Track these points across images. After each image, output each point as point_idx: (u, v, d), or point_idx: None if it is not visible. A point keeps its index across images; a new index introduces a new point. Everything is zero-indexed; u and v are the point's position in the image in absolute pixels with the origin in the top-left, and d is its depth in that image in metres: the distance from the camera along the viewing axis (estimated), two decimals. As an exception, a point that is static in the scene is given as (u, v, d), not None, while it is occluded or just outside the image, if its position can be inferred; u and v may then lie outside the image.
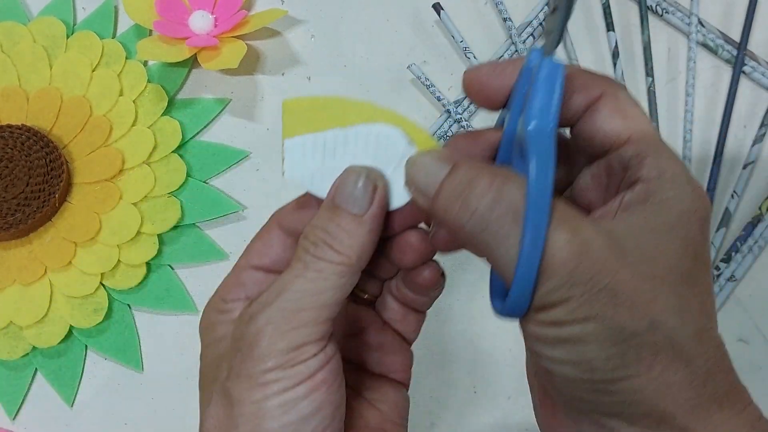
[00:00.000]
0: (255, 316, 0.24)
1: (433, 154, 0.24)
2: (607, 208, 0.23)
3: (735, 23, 0.51)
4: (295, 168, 0.26)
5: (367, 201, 0.25)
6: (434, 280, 0.28)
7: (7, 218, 0.43)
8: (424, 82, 0.48)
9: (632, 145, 0.23)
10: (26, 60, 0.48)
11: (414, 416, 0.43)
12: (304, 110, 0.27)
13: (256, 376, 0.23)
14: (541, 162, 0.21)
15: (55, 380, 0.43)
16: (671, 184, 0.22)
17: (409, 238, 0.27)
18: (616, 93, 0.24)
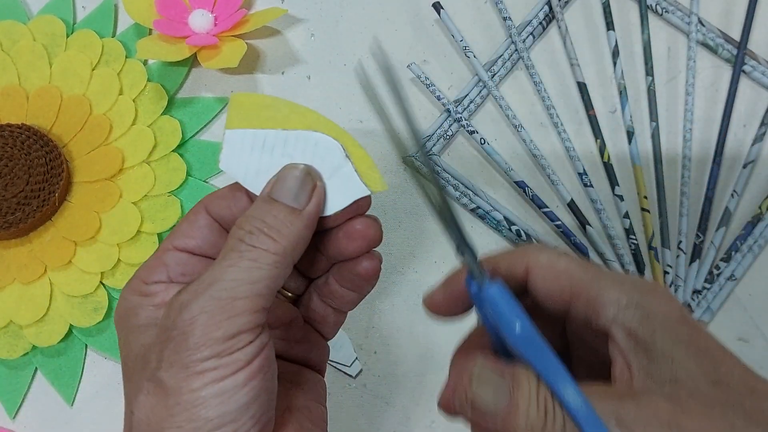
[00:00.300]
0: (188, 304, 0.24)
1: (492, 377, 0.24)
2: (620, 370, 0.25)
3: (735, 22, 0.51)
4: (232, 159, 0.27)
5: (306, 197, 0.26)
6: (374, 269, 0.28)
7: (7, 217, 0.43)
8: (423, 81, 0.48)
9: (578, 299, 0.25)
10: (26, 59, 0.48)
11: (414, 414, 0.43)
12: (251, 106, 0.27)
13: (191, 365, 0.23)
14: (551, 373, 0.23)
15: (55, 379, 0.43)
16: (633, 312, 0.24)
17: (354, 224, 0.27)
18: (537, 259, 0.26)
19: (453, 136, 0.48)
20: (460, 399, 0.24)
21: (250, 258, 0.24)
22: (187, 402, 0.23)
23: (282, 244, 0.25)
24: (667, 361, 0.23)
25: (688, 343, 0.24)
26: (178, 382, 0.23)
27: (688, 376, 0.23)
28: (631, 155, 0.47)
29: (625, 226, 0.46)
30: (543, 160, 0.47)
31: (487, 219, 0.46)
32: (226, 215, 0.28)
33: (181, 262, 0.27)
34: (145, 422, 0.23)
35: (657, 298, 0.25)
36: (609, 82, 0.50)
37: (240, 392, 0.23)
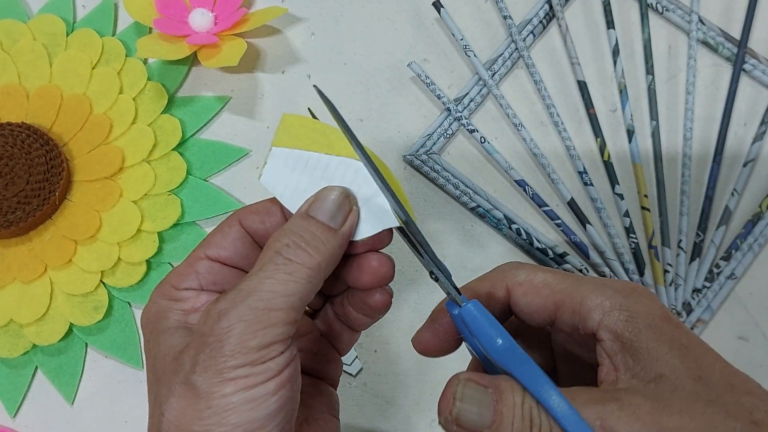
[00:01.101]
0: (226, 312, 0.24)
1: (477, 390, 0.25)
2: (606, 372, 0.25)
3: (735, 21, 0.51)
4: (274, 175, 0.28)
5: (342, 218, 0.27)
6: (384, 303, 0.29)
7: (7, 216, 0.43)
8: (424, 80, 0.48)
9: (562, 309, 0.26)
10: (26, 58, 0.48)
11: (415, 414, 0.43)
12: (299, 127, 0.28)
13: (225, 371, 0.23)
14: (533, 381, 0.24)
15: (56, 378, 0.43)
16: (618, 314, 0.25)
17: (371, 260, 0.28)
18: (515, 277, 0.28)
19: (453, 134, 0.48)
20: (445, 418, 0.25)
21: (287, 271, 0.25)
22: (218, 406, 0.23)
23: (317, 259, 0.25)
24: (652, 360, 0.24)
25: (671, 341, 0.24)
26: (211, 386, 0.23)
27: (672, 372, 0.24)
28: (632, 154, 0.47)
29: (625, 224, 0.46)
30: (543, 158, 0.47)
31: (487, 218, 0.46)
32: (259, 229, 0.29)
33: (212, 271, 0.28)
34: (174, 424, 0.24)
35: (639, 299, 0.26)
36: (609, 81, 0.50)
37: (269, 400, 0.24)
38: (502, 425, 0.24)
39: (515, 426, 0.23)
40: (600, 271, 0.45)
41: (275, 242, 0.26)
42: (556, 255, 0.45)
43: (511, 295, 0.28)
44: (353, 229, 0.27)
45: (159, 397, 0.25)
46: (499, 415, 0.24)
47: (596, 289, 0.26)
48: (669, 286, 0.44)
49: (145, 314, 0.28)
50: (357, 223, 0.27)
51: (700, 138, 0.48)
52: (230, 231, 0.29)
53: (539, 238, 0.45)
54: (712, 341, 0.44)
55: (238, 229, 0.29)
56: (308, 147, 0.28)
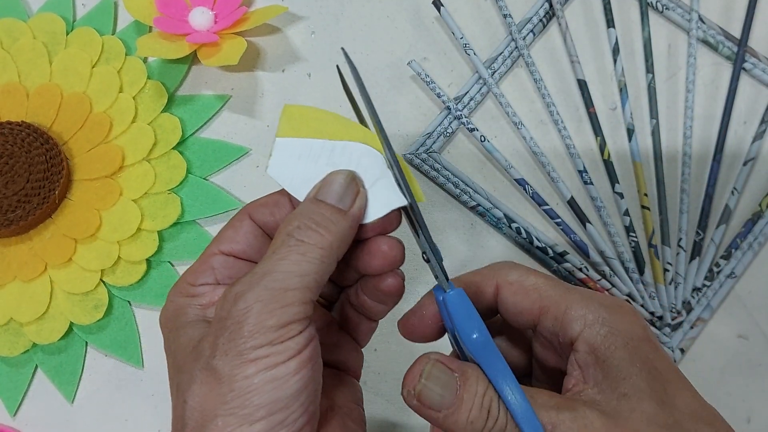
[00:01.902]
0: (243, 294, 0.24)
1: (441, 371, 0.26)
2: (574, 383, 0.26)
3: (735, 20, 0.51)
4: (280, 166, 0.28)
5: (350, 199, 0.27)
6: (397, 287, 0.29)
7: (7, 215, 0.43)
8: (424, 79, 0.48)
9: (546, 314, 0.27)
10: (26, 56, 0.48)
11: (414, 412, 0.43)
12: (302, 117, 0.29)
13: (245, 353, 0.24)
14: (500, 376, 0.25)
15: (56, 377, 0.43)
16: (598, 329, 0.26)
17: (380, 244, 0.28)
18: (506, 276, 0.28)
19: (453, 133, 0.48)
20: (408, 391, 0.25)
21: (300, 252, 0.25)
22: (240, 388, 0.24)
23: (329, 239, 0.26)
24: (620, 378, 0.25)
25: (644, 362, 0.25)
26: (232, 369, 0.24)
27: (636, 393, 0.24)
28: (632, 152, 0.47)
29: (625, 223, 0.46)
30: (543, 157, 0.47)
31: (487, 216, 0.46)
32: (269, 221, 0.29)
33: (227, 266, 0.29)
34: (198, 410, 0.24)
35: (623, 317, 0.26)
36: (609, 80, 0.50)
37: (291, 380, 0.24)
38: (460, 409, 0.24)
39: (472, 413, 0.24)
40: (600, 270, 0.45)
41: (286, 226, 0.26)
42: (555, 254, 0.45)
43: (500, 293, 0.28)
44: (362, 211, 0.27)
45: (181, 386, 0.25)
46: (459, 400, 0.24)
47: (582, 301, 0.26)
48: (669, 284, 0.44)
49: (163, 314, 0.28)
50: (365, 205, 0.28)
51: (700, 137, 0.48)
52: (241, 225, 0.29)
53: (539, 237, 0.45)
54: (711, 340, 0.45)
55: (249, 222, 0.29)
56: (311, 135, 0.28)
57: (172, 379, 0.27)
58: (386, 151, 0.27)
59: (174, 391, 0.26)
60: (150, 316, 0.44)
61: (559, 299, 0.27)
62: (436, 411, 0.25)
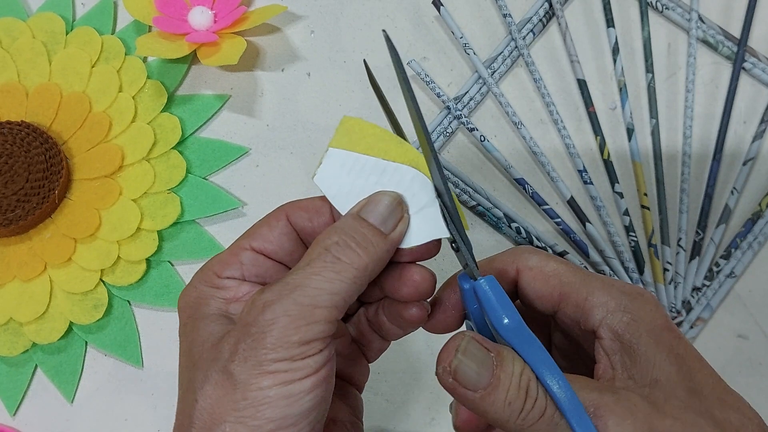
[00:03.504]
0: (271, 304, 0.24)
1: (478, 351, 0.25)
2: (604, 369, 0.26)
3: (735, 19, 0.51)
4: (328, 175, 0.28)
5: (393, 223, 0.27)
6: (420, 318, 0.29)
7: (6, 214, 0.43)
8: (423, 78, 0.48)
9: (567, 301, 0.27)
10: (25, 56, 0.48)
11: (415, 412, 0.43)
12: (358, 131, 0.29)
13: (265, 364, 0.23)
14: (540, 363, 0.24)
15: (55, 376, 0.43)
16: (621, 316, 0.26)
17: (413, 273, 0.28)
18: (527, 261, 0.28)
19: (453, 133, 0.48)
20: (443, 368, 0.25)
21: (334, 270, 0.25)
22: (254, 399, 0.23)
23: (365, 260, 0.25)
24: (649, 364, 0.24)
25: (669, 349, 0.25)
26: (249, 378, 0.23)
27: (667, 380, 0.24)
28: (631, 152, 0.47)
29: (625, 223, 0.46)
30: (543, 157, 0.47)
31: (487, 216, 0.46)
32: (306, 227, 0.28)
33: (256, 263, 0.28)
34: (208, 412, 0.24)
35: (644, 305, 0.26)
36: (609, 79, 0.50)
37: (305, 398, 0.24)
38: (497, 389, 0.24)
39: (510, 393, 0.24)
40: (599, 270, 0.45)
41: (325, 239, 0.26)
42: (555, 254, 0.45)
43: (520, 279, 0.28)
44: (402, 236, 0.27)
45: (194, 383, 0.25)
46: (496, 379, 0.24)
47: (603, 288, 0.26)
48: (668, 284, 0.44)
49: (184, 298, 0.28)
50: (406, 231, 0.27)
51: (700, 136, 0.48)
52: (277, 225, 0.28)
53: (539, 237, 0.45)
54: (711, 339, 0.44)
55: (286, 224, 0.28)
56: (365, 151, 0.28)
57: (184, 371, 0.26)
58: (435, 177, 0.27)
59: (184, 384, 0.26)
60: (150, 315, 0.44)
61: (579, 286, 0.27)
62: (472, 391, 0.24)
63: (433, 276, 0.28)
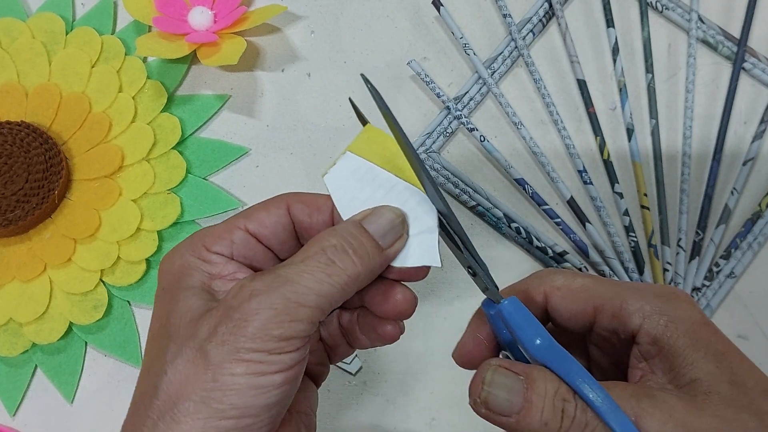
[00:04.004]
0: (258, 294, 0.24)
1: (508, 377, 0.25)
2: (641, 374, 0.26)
3: (735, 20, 0.51)
4: (338, 177, 0.28)
5: (391, 240, 0.27)
6: (393, 337, 0.29)
7: (6, 215, 0.43)
8: (423, 79, 0.48)
9: (602, 313, 0.27)
10: (25, 56, 0.48)
11: (415, 412, 0.43)
12: (378, 143, 0.29)
13: (241, 352, 0.24)
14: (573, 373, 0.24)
15: (55, 377, 0.43)
16: (657, 319, 0.26)
17: (396, 292, 0.28)
18: (552, 282, 0.28)
19: (453, 133, 0.48)
20: (474, 400, 0.25)
21: (327, 272, 0.25)
22: (224, 383, 0.23)
23: (358, 269, 0.26)
24: (687, 364, 0.24)
25: (707, 346, 0.25)
26: (223, 361, 0.24)
27: (707, 377, 0.24)
28: (631, 152, 0.47)
29: (625, 223, 0.46)
30: (543, 157, 0.47)
31: (486, 216, 0.46)
32: (304, 221, 0.28)
33: (247, 245, 0.28)
34: (175, 386, 0.24)
35: (679, 304, 0.26)
36: (609, 80, 0.50)
37: (273, 392, 0.24)
38: (530, 412, 0.24)
39: (545, 414, 0.24)
40: (599, 270, 0.45)
41: (323, 240, 0.26)
42: (555, 254, 0.45)
43: (549, 301, 0.28)
44: (396, 254, 0.27)
45: (165, 354, 0.25)
46: (528, 402, 0.24)
47: (636, 294, 0.26)
48: (668, 284, 0.44)
49: (168, 263, 0.28)
50: (401, 250, 0.27)
51: (700, 136, 0.48)
52: (276, 212, 0.28)
53: (539, 237, 0.45)
54: (711, 340, 0.44)
55: (285, 213, 0.28)
56: (380, 163, 0.28)
57: (156, 339, 0.26)
58: (436, 202, 0.27)
59: (154, 352, 0.26)
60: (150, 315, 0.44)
61: (612, 296, 0.27)
62: (506, 416, 0.25)
63: (415, 299, 0.28)
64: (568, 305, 0.28)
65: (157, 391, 0.24)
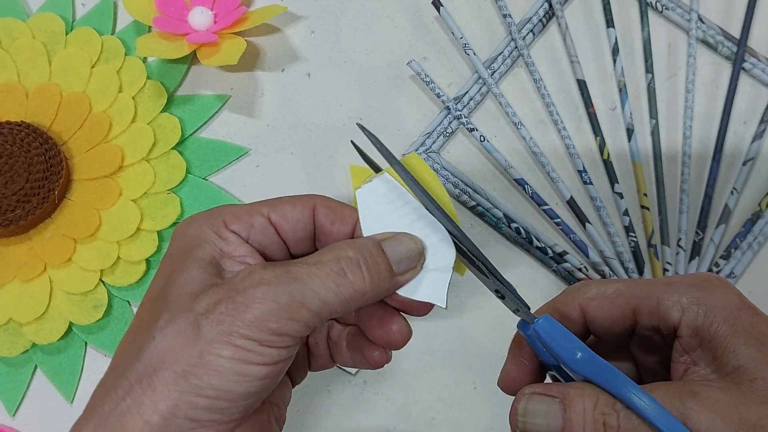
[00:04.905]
0: (266, 284, 0.24)
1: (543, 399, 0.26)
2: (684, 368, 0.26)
3: (735, 20, 0.51)
4: (370, 194, 0.29)
5: (405, 269, 0.27)
6: (378, 363, 0.29)
7: (6, 215, 0.43)
8: (423, 79, 0.48)
9: (641, 313, 0.27)
10: (25, 56, 0.48)
11: (415, 411, 0.43)
12: (417, 171, 0.30)
13: (234, 335, 0.24)
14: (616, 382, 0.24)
15: (55, 377, 0.43)
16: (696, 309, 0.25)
17: (393, 322, 0.28)
18: (586, 293, 0.28)
19: (452, 133, 0.48)
20: (514, 431, 0.25)
21: (336, 282, 0.25)
22: (208, 362, 0.23)
23: (367, 287, 0.26)
24: (729, 352, 0.24)
25: (748, 331, 0.24)
26: (213, 340, 0.24)
27: (750, 362, 0.24)
28: (631, 152, 0.47)
29: (625, 223, 0.46)
30: (543, 157, 0.47)
31: (486, 216, 0.46)
32: (325, 226, 0.28)
33: (265, 233, 0.28)
34: (159, 353, 0.24)
35: (714, 291, 0.26)
36: (609, 80, 0.50)
37: (253, 382, 0.24)
38: (572, 430, 0.24)
39: (587, 430, 0.24)
40: (599, 270, 0.45)
41: (340, 249, 0.26)
42: (555, 254, 0.45)
43: (586, 313, 0.28)
44: (405, 284, 0.27)
45: (157, 319, 0.25)
46: (568, 422, 0.24)
47: (671, 288, 0.26)
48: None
49: (184, 229, 0.28)
50: (412, 280, 0.28)
51: (700, 136, 0.48)
52: (301, 210, 0.28)
53: (539, 237, 0.45)
54: (711, 340, 0.44)
55: (309, 213, 0.28)
56: (413, 192, 0.29)
57: (152, 302, 0.26)
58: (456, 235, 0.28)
59: (145, 315, 0.26)
60: (149, 316, 0.44)
61: (647, 294, 0.27)
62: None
63: (409, 333, 0.28)
64: (606, 313, 0.27)
65: (140, 355, 0.24)
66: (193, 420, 0.23)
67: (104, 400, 0.24)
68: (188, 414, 0.23)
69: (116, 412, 0.24)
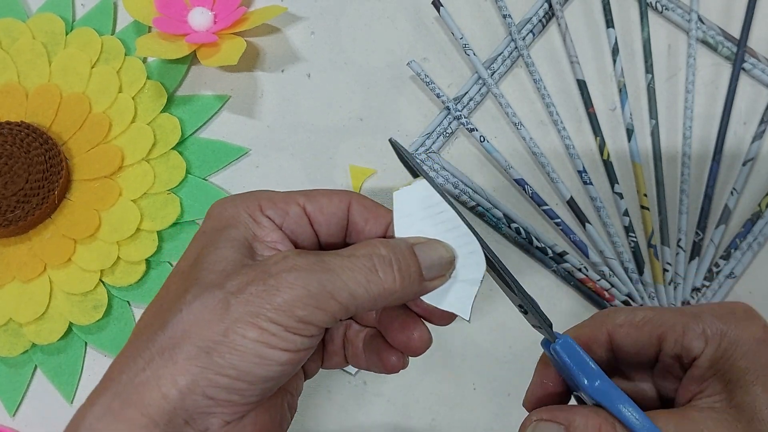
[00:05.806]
0: (299, 270, 0.24)
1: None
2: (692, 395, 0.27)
3: (735, 20, 0.51)
4: (408, 197, 0.28)
5: (434, 275, 0.27)
6: (395, 368, 0.29)
7: (6, 215, 0.43)
8: (423, 79, 0.48)
9: (666, 340, 0.27)
10: (25, 57, 0.48)
11: (415, 412, 0.43)
12: None
13: (261, 317, 0.24)
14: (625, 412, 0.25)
15: (55, 377, 0.43)
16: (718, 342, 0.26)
17: (414, 329, 0.28)
18: (614, 320, 0.28)
19: (452, 133, 0.48)
20: None
21: (367, 278, 0.25)
22: (232, 341, 0.24)
23: (395, 287, 0.26)
24: (740, 387, 0.25)
25: (764, 366, 0.25)
26: (239, 320, 0.24)
27: (755, 401, 0.24)
28: (631, 153, 0.47)
29: (625, 223, 0.46)
30: (543, 157, 0.47)
31: (486, 217, 0.46)
32: (358, 223, 0.29)
33: (298, 222, 0.28)
34: (185, 326, 0.24)
35: (738, 323, 0.26)
36: (609, 80, 0.50)
37: (274, 367, 0.24)
38: None
39: None
40: (599, 270, 0.45)
41: (375, 246, 0.26)
42: (555, 254, 0.45)
43: (614, 339, 0.28)
44: (432, 290, 0.27)
45: (185, 293, 0.25)
46: None
47: (697, 318, 0.27)
48: (668, 285, 0.44)
49: (219, 208, 0.28)
50: (437, 288, 0.28)
51: (700, 137, 0.48)
52: (337, 204, 0.29)
53: (538, 237, 0.45)
54: (711, 340, 0.44)
55: (345, 209, 0.29)
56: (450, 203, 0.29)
57: (181, 276, 0.26)
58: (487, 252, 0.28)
59: (173, 288, 0.26)
60: (149, 316, 0.44)
61: (674, 322, 0.27)
62: None
63: (430, 341, 0.28)
64: (633, 340, 0.28)
65: (165, 326, 0.24)
66: (210, 398, 0.24)
67: (123, 370, 0.24)
68: (206, 391, 0.23)
69: (134, 383, 0.24)
